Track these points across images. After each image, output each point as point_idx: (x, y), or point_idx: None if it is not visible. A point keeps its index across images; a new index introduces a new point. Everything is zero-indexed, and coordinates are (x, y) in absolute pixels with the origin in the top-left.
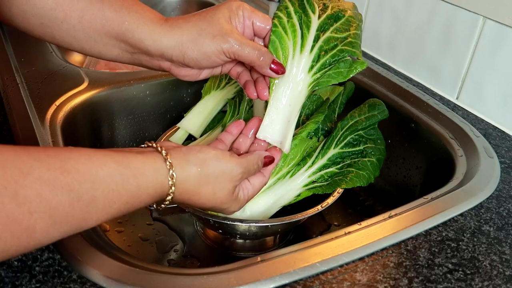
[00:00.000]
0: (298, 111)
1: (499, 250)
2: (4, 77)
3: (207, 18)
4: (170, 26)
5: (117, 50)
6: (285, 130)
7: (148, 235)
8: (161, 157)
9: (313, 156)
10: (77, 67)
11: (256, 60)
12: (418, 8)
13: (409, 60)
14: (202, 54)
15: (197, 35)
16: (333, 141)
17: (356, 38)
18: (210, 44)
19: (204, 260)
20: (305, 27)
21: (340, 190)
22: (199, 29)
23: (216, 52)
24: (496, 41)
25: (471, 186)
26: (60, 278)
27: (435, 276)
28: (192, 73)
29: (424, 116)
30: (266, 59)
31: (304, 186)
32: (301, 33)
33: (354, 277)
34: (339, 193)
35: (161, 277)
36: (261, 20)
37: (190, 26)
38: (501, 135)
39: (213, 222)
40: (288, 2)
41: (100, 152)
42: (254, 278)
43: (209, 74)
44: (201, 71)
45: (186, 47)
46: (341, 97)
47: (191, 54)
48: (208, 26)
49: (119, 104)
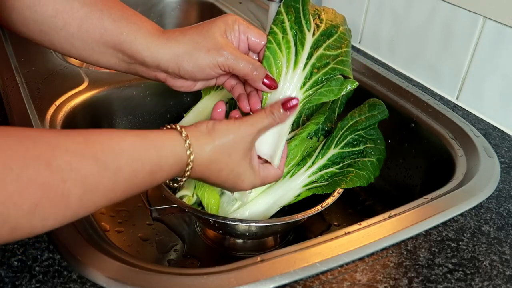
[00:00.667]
0: (289, 126)
1: (499, 250)
2: (4, 77)
3: (203, 32)
4: (167, 39)
5: (114, 59)
6: (276, 145)
7: (148, 235)
8: (177, 131)
9: (313, 156)
10: (77, 67)
11: (250, 74)
12: (418, 8)
13: (409, 60)
14: (197, 67)
15: (192, 49)
16: (333, 141)
17: (346, 56)
18: (205, 58)
19: (204, 260)
20: (300, 44)
21: (340, 190)
22: (194, 42)
23: (211, 65)
24: (496, 41)
25: (471, 186)
26: (60, 278)
27: (435, 276)
28: (186, 85)
29: (424, 116)
30: (260, 73)
31: (304, 186)
32: (295, 50)
33: (354, 277)
34: (339, 193)
35: (161, 277)
36: (256, 36)
37: (187, 40)
38: (501, 135)
39: (213, 222)
40: (284, 15)
41: (118, 130)
42: (254, 278)
43: (204, 86)
44: (196, 83)
45: (182, 60)
46: (341, 97)
47: (186, 66)
48: (203, 39)
49: (119, 104)
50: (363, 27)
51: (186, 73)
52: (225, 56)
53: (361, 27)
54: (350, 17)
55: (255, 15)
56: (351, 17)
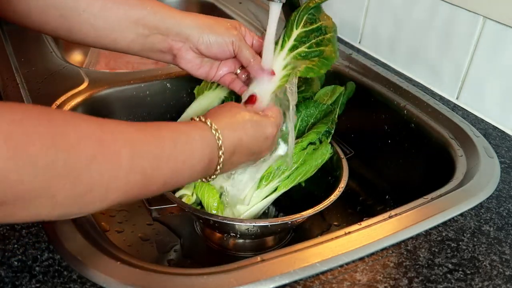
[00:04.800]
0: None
1: (499, 250)
2: (4, 77)
3: (217, 20)
4: (189, 13)
5: (132, 35)
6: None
7: (148, 235)
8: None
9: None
10: (77, 67)
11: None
12: (418, 8)
13: (409, 60)
14: (216, 39)
15: (214, 23)
16: (293, 24)
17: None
18: (224, 32)
19: (204, 260)
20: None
21: (339, 190)
22: (214, 21)
23: (227, 41)
24: (496, 41)
25: (471, 186)
26: (60, 278)
27: (435, 276)
28: (194, 63)
29: (424, 116)
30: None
31: (283, 68)
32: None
33: (354, 277)
34: (339, 192)
35: (161, 277)
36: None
37: (206, 18)
38: (501, 135)
39: (213, 222)
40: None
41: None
42: (254, 278)
43: (205, 75)
44: (201, 66)
45: (203, 29)
46: (342, 98)
47: (206, 37)
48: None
49: (119, 104)
50: (363, 27)
51: (203, 44)
52: (238, 37)
53: (361, 27)
54: (350, 17)
55: (255, 15)
56: (351, 17)
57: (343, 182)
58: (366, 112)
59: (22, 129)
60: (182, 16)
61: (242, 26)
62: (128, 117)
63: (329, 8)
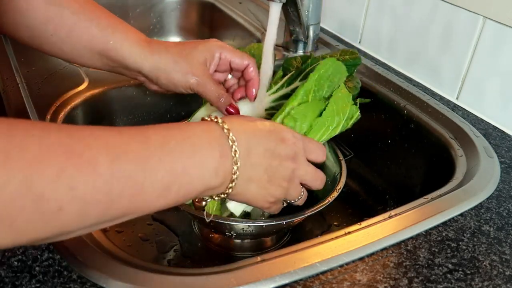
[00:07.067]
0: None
1: (499, 250)
2: (4, 77)
3: (184, 54)
4: (151, 52)
5: (99, 63)
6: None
7: (148, 235)
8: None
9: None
10: (77, 67)
11: (216, 100)
12: (418, 8)
13: (409, 60)
14: (172, 83)
15: (171, 67)
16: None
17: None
18: (180, 78)
19: (203, 260)
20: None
21: (339, 189)
22: (174, 62)
23: (184, 86)
24: (496, 41)
25: (471, 186)
26: (60, 278)
27: (435, 276)
28: (161, 90)
29: (424, 116)
30: (226, 101)
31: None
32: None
33: (354, 277)
34: (337, 193)
35: (161, 277)
36: (239, 59)
37: (168, 57)
38: (501, 135)
39: (209, 221)
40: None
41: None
42: (254, 278)
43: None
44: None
45: (160, 74)
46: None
47: (163, 80)
48: (183, 61)
49: (119, 104)
50: (363, 27)
51: (162, 85)
52: (197, 81)
53: (361, 27)
54: (350, 17)
55: (255, 15)
56: (351, 17)
57: (341, 184)
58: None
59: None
60: (141, 56)
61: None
62: (128, 117)
63: (329, 8)
